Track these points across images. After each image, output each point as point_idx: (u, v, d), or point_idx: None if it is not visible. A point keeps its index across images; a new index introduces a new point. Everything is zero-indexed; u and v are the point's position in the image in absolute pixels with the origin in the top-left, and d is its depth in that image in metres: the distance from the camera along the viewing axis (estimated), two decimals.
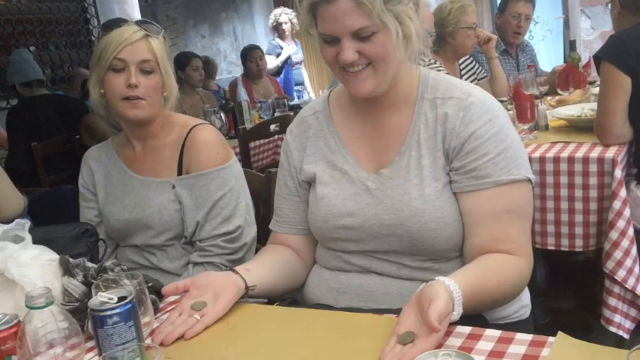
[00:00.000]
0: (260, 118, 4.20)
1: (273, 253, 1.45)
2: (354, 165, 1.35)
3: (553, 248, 2.19)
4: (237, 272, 1.29)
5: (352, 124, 1.38)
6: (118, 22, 1.65)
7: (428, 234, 1.25)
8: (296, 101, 5.38)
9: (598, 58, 2.17)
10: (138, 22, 1.66)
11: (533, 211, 1.32)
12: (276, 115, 4.19)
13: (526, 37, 4.03)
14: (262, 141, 3.75)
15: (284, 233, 1.47)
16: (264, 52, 5.50)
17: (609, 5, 2.43)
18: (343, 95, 1.41)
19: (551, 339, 0.97)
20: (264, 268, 1.36)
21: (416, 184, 1.27)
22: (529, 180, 1.27)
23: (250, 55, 5.29)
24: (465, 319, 1.09)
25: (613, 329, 2.03)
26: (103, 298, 0.95)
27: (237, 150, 3.39)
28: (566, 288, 2.67)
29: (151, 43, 1.64)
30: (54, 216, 1.76)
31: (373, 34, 1.20)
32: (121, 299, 0.96)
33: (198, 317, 1.16)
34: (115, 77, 1.63)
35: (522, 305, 1.39)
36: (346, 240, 1.34)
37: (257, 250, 1.82)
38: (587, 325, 2.19)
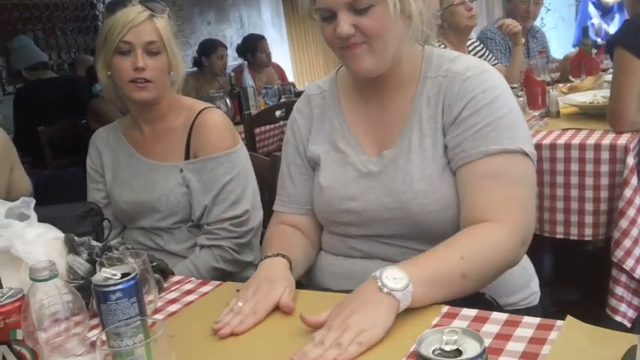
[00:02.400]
0: (265, 104, 4.18)
1: (295, 240, 1.40)
2: (356, 148, 1.33)
3: (562, 237, 2.17)
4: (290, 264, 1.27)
5: (356, 105, 1.36)
6: (123, 2, 1.64)
7: (430, 216, 1.23)
8: (303, 87, 5.37)
9: (612, 43, 2.14)
10: (142, 1, 1.64)
11: (533, 184, 1.23)
12: (282, 101, 4.17)
13: (537, 24, 3.99)
14: (268, 127, 3.74)
15: (291, 213, 1.43)
16: None
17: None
18: (348, 76, 1.39)
19: (559, 323, 0.96)
20: (299, 260, 1.33)
21: (417, 165, 1.24)
22: (525, 154, 1.18)
23: (260, 45, 5.27)
24: (470, 302, 1.07)
25: (618, 318, 2.01)
26: (107, 274, 0.95)
27: (243, 136, 3.38)
28: (574, 278, 2.65)
29: (156, 23, 1.63)
30: (59, 198, 1.75)
31: (370, 7, 1.17)
32: (124, 275, 0.95)
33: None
34: (122, 60, 1.62)
35: (531, 292, 1.37)
36: (350, 224, 1.32)
37: (263, 235, 1.81)
38: (594, 315, 2.18)
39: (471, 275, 1.10)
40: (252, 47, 5.29)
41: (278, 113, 3.71)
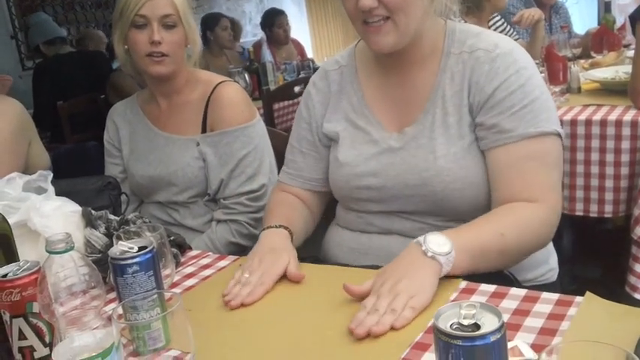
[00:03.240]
0: (284, 80, 4.16)
1: (297, 211, 1.41)
2: (376, 125, 1.32)
3: (581, 214, 2.15)
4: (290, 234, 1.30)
5: (376, 80, 1.34)
6: None
7: (453, 194, 1.22)
8: (321, 63, 5.33)
9: (634, 19, 2.08)
10: None
11: (562, 165, 1.26)
12: (300, 77, 4.15)
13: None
14: (286, 102, 3.72)
15: (297, 187, 1.44)
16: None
17: None
18: (367, 50, 1.37)
19: (578, 299, 0.95)
20: (299, 231, 1.35)
21: (442, 143, 1.23)
22: (559, 135, 1.21)
23: (278, 21, 5.23)
24: (489, 278, 1.07)
25: (638, 296, 1.99)
26: (124, 247, 0.95)
27: (261, 111, 3.36)
28: (594, 256, 2.63)
29: None
30: (77, 172, 1.76)
31: None
32: (141, 249, 0.96)
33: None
34: (138, 34, 1.61)
35: (550, 268, 1.36)
36: (368, 200, 1.31)
37: None
38: (613, 292, 2.17)
39: (508, 252, 1.14)
40: (270, 22, 5.26)
41: (297, 89, 3.68)
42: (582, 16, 6.44)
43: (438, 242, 1.04)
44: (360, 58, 1.38)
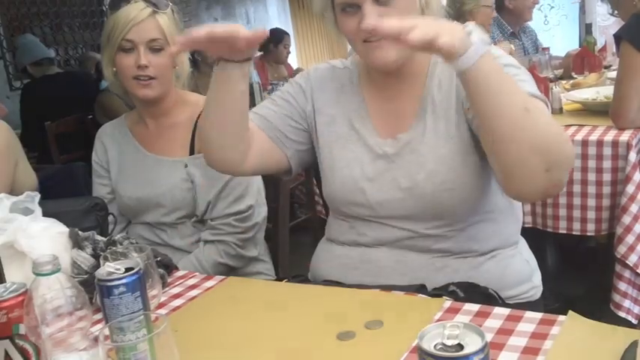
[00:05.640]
0: None
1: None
2: (371, 130, 1.34)
3: (565, 232, 2.17)
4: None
5: (374, 89, 1.37)
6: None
7: (442, 195, 1.24)
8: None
9: (618, 37, 2.13)
10: None
11: None
12: None
13: (541, 22, 4.00)
14: None
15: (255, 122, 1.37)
16: None
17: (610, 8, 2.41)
18: (363, 64, 1.40)
19: (561, 318, 0.96)
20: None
21: (431, 146, 1.26)
22: (544, 101, 1.14)
23: (285, 40, 5.40)
24: (473, 296, 1.08)
25: (622, 314, 2.02)
26: (110, 268, 0.95)
27: None
28: (577, 274, 2.65)
29: (158, 20, 1.63)
30: (65, 192, 1.76)
31: None
32: (128, 270, 0.96)
33: None
34: (125, 58, 1.63)
35: (533, 286, 1.37)
36: (362, 205, 1.32)
37: (267, 230, 1.82)
38: (597, 310, 2.18)
39: (534, 115, 1.02)
40: (278, 38, 5.39)
41: None
42: (564, 38, 6.55)
43: (481, 36, 1.00)
44: (362, 67, 1.40)
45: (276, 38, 5.40)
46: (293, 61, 7.24)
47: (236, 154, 1.31)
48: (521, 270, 1.35)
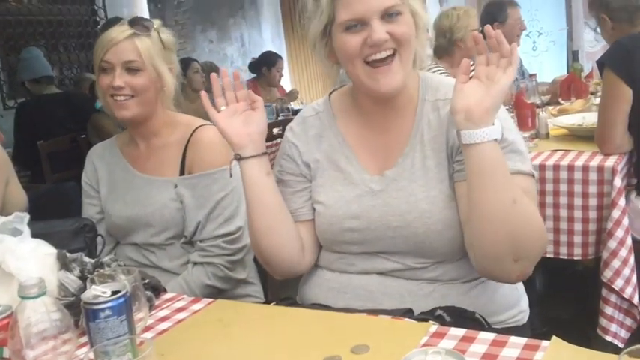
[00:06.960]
0: None
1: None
2: (357, 167, 1.35)
3: (552, 256, 2.19)
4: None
5: (355, 125, 1.38)
6: (116, 22, 1.67)
7: (432, 235, 1.25)
8: (300, 106, 5.42)
9: (601, 64, 2.17)
10: (130, 21, 1.67)
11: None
12: (279, 119, 4.20)
13: (530, 48, 4.06)
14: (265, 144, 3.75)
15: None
16: None
17: (598, 29, 2.45)
18: (346, 97, 1.41)
19: (545, 343, 0.97)
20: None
21: (422, 186, 1.27)
22: (533, 176, 1.24)
23: (278, 63, 5.45)
24: (460, 321, 1.09)
25: (609, 338, 2.02)
26: (97, 291, 0.95)
27: None
28: (564, 298, 2.66)
29: (136, 42, 1.65)
30: (56, 213, 1.76)
31: (400, 14, 1.22)
32: (114, 293, 0.96)
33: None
34: (104, 78, 1.67)
35: (520, 310, 1.38)
36: (352, 242, 1.33)
37: None
38: (584, 335, 2.19)
39: (519, 209, 1.14)
40: (272, 62, 5.44)
41: (275, 131, 3.74)
42: (552, 64, 6.63)
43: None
44: (337, 106, 1.41)
45: (270, 62, 5.45)
46: (287, 84, 7.31)
47: (293, 254, 1.38)
48: (509, 295, 1.36)
